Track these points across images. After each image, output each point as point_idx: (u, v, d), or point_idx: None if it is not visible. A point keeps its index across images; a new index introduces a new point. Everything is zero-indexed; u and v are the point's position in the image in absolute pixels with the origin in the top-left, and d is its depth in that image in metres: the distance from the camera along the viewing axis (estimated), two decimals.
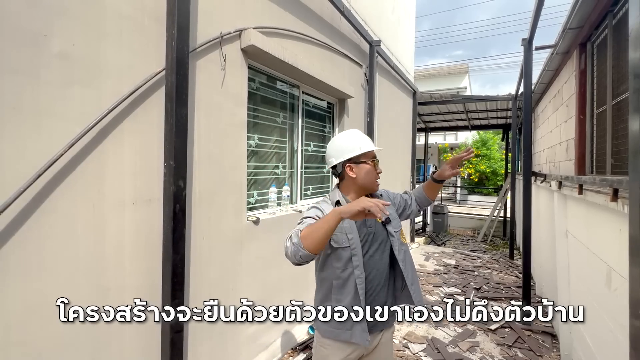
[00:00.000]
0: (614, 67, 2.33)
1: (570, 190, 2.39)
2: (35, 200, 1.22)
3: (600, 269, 1.84)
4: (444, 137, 19.29)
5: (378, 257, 1.36)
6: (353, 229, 1.32)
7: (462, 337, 2.96)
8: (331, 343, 1.34)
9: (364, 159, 1.36)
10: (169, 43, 1.58)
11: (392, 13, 5.27)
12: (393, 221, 1.42)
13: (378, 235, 1.37)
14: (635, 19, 0.86)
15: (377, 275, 1.35)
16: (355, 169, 1.36)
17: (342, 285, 1.30)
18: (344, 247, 1.29)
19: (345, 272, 1.29)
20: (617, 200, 1.49)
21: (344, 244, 1.29)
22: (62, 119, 1.27)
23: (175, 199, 1.57)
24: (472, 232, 9.42)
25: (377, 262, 1.36)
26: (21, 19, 1.16)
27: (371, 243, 1.35)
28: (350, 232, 1.31)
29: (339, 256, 1.30)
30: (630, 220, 0.91)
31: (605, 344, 1.76)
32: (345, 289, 1.30)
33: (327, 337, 1.34)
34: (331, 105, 3.61)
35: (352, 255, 1.29)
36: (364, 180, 1.36)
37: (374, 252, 1.35)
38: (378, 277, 1.36)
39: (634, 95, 0.88)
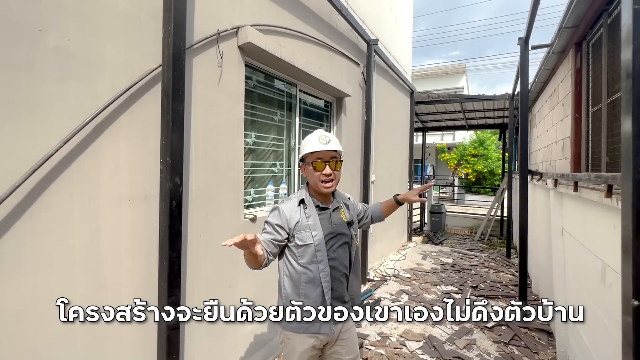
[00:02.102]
0: (609, 66, 2.35)
1: (566, 187, 2.41)
2: (30, 195, 1.21)
3: (595, 265, 1.85)
4: (441, 136, 19.36)
5: (340, 252, 1.46)
6: (317, 227, 1.41)
7: (459, 335, 2.97)
8: (296, 335, 1.41)
9: (310, 159, 1.43)
10: (166, 39, 1.58)
11: (389, 12, 5.28)
12: (354, 225, 1.56)
13: (342, 234, 1.47)
14: (627, 17, 0.87)
15: (340, 270, 1.45)
16: (304, 168, 1.48)
17: (308, 280, 1.39)
18: (308, 244, 1.38)
19: (311, 267, 1.38)
20: (611, 197, 1.50)
21: (308, 241, 1.38)
22: (57, 114, 1.27)
23: (172, 196, 1.57)
24: (469, 231, 9.46)
25: (340, 257, 1.45)
26: (16, 14, 1.15)
27: (335, 240, 1.45)
28: (314, 229, 1.40)
29: (304, 252, 1.39)
30: (622, 218, 0.92)
31: (601, 340, 1.78)
32: (312, 283, 1.39)
33: (295, 332, 1.41)
34: (329, 103, 3.61)
35: (316, 251, 1.38)
36: (310, 180, 1.46)
37: (337, 248, 1.45)
38: (340, 272, 1.45)
39: (626, 95, 0.88)
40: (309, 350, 1.41)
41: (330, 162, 1.42)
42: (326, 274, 1.39)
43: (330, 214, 1.48)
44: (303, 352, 1.41)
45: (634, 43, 0.81)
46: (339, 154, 1.47)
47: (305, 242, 1.38)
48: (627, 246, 0.86)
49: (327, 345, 1.47)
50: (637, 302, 0.82)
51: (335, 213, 1.51)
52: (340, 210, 1.53)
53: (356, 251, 1.54)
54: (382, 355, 2.63)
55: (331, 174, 1.42)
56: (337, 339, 1.47)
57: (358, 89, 4.02)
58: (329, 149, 1.41)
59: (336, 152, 1.46)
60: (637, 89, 0.81)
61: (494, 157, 15.79)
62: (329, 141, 1.42)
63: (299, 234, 1.39)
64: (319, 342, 1.42)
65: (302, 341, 1.40)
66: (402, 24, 5.98)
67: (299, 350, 1.40)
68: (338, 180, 1.47)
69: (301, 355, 1.41)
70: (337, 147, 1.46)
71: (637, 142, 0.81)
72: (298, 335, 1.40)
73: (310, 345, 1.41)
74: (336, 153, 1.46)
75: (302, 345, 1.41)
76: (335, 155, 1.45)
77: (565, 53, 3.31)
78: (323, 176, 1.41)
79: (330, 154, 1.43)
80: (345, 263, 1.47)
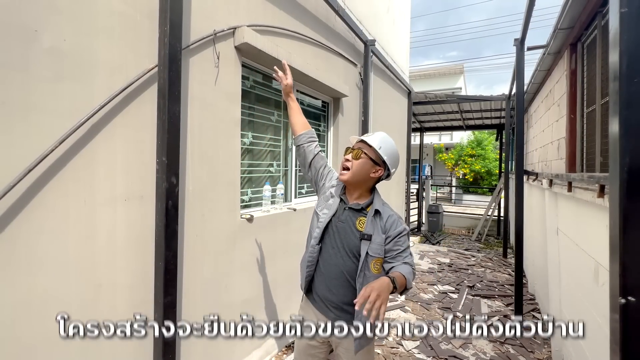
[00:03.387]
0: (603, 67, 2.37)
1: (561, 187, 2.43)
2: (25, 196, 1.21)
3: (588, 264, 1.87)
4: (439, 137, 19.41)
5: (333, 252, 1.40)
6: (331, 208, 1.43)
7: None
8: (302, 303, 1.55)
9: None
10: (162, 39, 1.58)
11: (387, 13, 5.29)
12: (372, 244, 1.31)
13: (344, 236, 1.38)
14: (615, 20, 0.89)
15: (327, 267, 1.40)
16: None
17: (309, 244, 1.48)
18: (318, 215, 1.46)
19: (313, 232, 1.46)
20: (603, 197, 1.52)
21: (319, 213, 1.47)
22: (52, 114, 1.27)
23: (168, 196, 1.57)
24: (466, 231, 9.49)
25: (331, 256, 1.40)
26: (11, 14, 1.15)
27: (334, 234, 1.40)
28: (327, 208, 1.44)
29: (313, 221, 1.50)
30: (610, 217, 0.94)
31: (594, 338, 1.80)
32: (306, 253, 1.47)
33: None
34: (326, 104, 3.62)
35: (317, 227, 1.44)
36: None
37: (332, 243, 1.40)
38: (326, 269, 1.41)
39: (614, 96, 0.90)
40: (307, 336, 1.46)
41: (354, 150, 1.39)
42: (314, 250, 1.42)
43: (343, 210, 1.41)
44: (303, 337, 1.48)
45: (620, 45, 0.82)
46: (370, 149, 1.38)
47: (319, 211, 1.47)
48: (615, 245, 0.88)
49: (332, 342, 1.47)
50: (624, 300, 0.83)
51: (350, 213, 1.39)
52: (360, 216, 1.38)
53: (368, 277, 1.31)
54: (379, 354, 2.64)
55: (349, 160, 1.38)
56: (339, 345, 1.44)
57: (355, 89, 4.03)
58: (361, 139, 1.42)
59: (368, 145, 1.38)
60: (624, 91, 0.83)
61: (491, 158, 15.85)
62: (368, 135, 1.42)
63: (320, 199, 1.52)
64: (318, 334, 1.42)
65: (304, 307, 1.52)
66: (399, 24, 6.00)
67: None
68: (355, 172, 1.36)
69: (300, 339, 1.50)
70: (369, 140, 1.38)
71: (623, 143, 0.82)
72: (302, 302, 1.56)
73: (310, 319, 1.47)
74: (366, 145, 1.38)
75: (303, 312, 1.52)
76: (363, 147, 1.38)
77: (561, 54, 3.34)
78: (343, 161, 1.42)
79: (359, 144, 1.39)
80: (344, 271, 1.36)
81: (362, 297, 1.01)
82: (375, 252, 1.31)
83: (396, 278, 1.15)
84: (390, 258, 1.32)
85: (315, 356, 1.50)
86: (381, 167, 1.39)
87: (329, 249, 1.40)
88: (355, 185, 1.41)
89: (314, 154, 1.55)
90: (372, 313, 0.98)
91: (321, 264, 1.42)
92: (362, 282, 1.31)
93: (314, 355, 1.49)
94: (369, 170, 1.38)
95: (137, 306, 1.60)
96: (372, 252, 1.31)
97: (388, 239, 1.33)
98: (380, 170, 1.39)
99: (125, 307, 1.55)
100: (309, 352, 1.49)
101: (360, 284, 1.31)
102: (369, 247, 1.31)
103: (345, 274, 1.36)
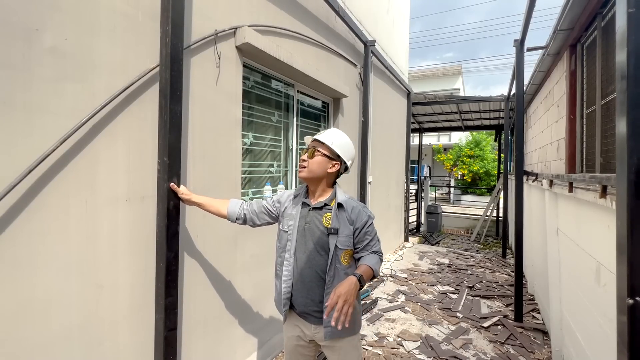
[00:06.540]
0: (603, 68, 2.38)
1: (561, 188, 2.43)
2: (26, 196, 1.20)
3: (589, 265, 1.87)
4: (437, 137, 19.46)
5: (305, 256, 1.40)
6: (295, 217, 1.45)
7: (456, 335, 2.99)
8: (285, 322, 1.54)
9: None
10: (163, 39, 1.57)
11: (386, 14, 5.30)
12: (340, 237, 1.36)
13: (313, 236, 1.40)
14: (622, 20, 0.89)
15: (303, 273, 1.41)
16: None
17: (280, 263, 1.49)
18: (285, 230, 1.47)
19: (283, 254, 1.46)
20: (605, 197, 1.52)
21: (285, 229, 1.47)
22: (54, 114, 1.26)
23: (169, 196, 1.56)
24: (465, 231, 9.51)
25: (304, 261, 1.40)
26: (12, 13, 1.14)
27: (303, 238, 1.42)
28: (291, 219, 1.46)
29: (281, 237, 1.49)
30: (617, 218, 0.94)
31: (595, 339, 1.80)
32: (282, 268, 1.46)
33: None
34: (326, 104, 3.62)
35: (288, 240, 1.44)
36: None
37: (304, 248, 1.42)
38: (302, 276, 1.41)
39: (621, 96, 0.90)
40: (294, 338, 1.50)
41: (309, 149, 1.45)
42: (289, 264, 1.42)
43: (308, 212, 1.45)
44: (289, 338, 1.52)
45: (628, 45, 0.82)
46: (323, 146, 1.43)
47: (284, 228, 1.49)
48: (622, 246, 0.88)
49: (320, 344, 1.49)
50: (632, 300, 0.83)
51: (315, 213, 1.43)
52: (325, 213, 1.42)
53: (339, 270, 1.37)
54: (380, 355, 2.63)
55: (305, 160, 1.43)
56: (323, 346, 1.46)
57: (355, 89, 4.03)
58: (314, 138, 1.48)
59: (320, 142, 1.43)
60: (631, 91, 0.83)
61: (489, 158, 15.90)
62: (320, 134, 1.47)
63: (282, 218, 1.51)
64: (304, 334, 1.47)
65: (286, 326, 1.53)
66: (399, 25, 6.01)
67: (286, 335, 1.54)
68: (312, 170, 1.41)
69: (288, 340, 1.54)
70: (321, 138, 1.43)
71: (631, 143, 0.82)
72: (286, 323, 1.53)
73: (295, 334, 1.49)
74: (319, 144, 1.44)
75: (286, 331, 1.54)
76: (316, 145, 1.44)
77: (560, 55, 3.35)
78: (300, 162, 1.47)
79: (313, 143, 1.46)
80: (317, 270, 1.38)
81: (330, 306, 1.11)
82: (344, 244, 1.37)
83: (363, 274, 1.24)
84: (360, 249, 1.40)
85: (304, 355, 1.54)
86: (337, 161, 1.45)
87: (301, 254, 1.42)
88: (315, 182, 1.46)
89: (254, 213, 1.57)
90: (340, 319, 1.09)
91: (296, 274, 1.43)
92: (332, 274, 1.37)
93: (304, 354, 1.54)
94: (326, 166, 1.43)
95: (138, 307, 1.59)
96: (341, 244, 1.37)
97: (357, 230, 1.39)
98: (337, 164, 1.45)
99: (127, 308, 1.54)
100: (298, 351, 1.54)
101: (331, 276, 1.36)
102: (337, 240, 1.37)
103: (319, 273, 1.39)
